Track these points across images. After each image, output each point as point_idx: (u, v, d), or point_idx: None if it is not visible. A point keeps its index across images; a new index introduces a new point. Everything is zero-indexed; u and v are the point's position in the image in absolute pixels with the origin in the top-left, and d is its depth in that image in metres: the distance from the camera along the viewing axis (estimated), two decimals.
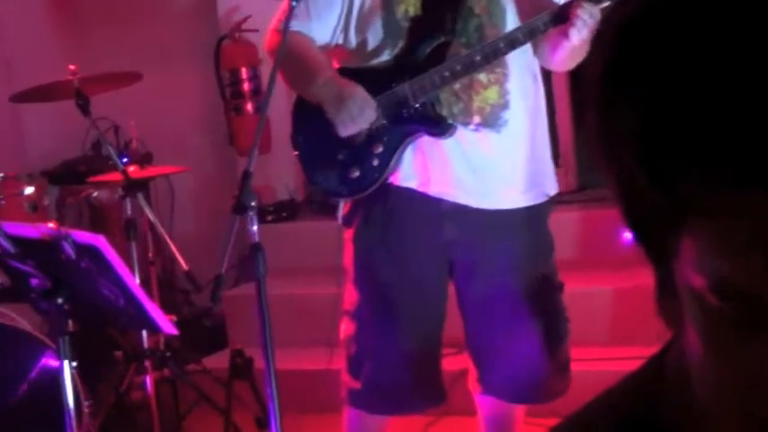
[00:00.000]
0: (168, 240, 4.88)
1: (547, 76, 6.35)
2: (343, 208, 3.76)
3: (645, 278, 0.95)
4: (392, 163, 3.61)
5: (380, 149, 3.60)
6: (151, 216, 4.97)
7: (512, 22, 3.59)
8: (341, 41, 3.70)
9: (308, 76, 3.61)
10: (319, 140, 3.64)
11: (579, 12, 3.35)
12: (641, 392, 0.90)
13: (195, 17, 7.11)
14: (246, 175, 3.33)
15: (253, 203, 3.33)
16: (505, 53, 3.50)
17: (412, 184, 3.62)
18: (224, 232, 3.26)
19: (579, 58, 3.59)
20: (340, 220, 3.78)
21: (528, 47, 3.57)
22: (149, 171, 5.48)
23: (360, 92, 3.52)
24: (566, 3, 3.44)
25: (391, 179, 3.63)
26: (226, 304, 6.17)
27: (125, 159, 5.33)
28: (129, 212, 5.02)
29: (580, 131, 6.69)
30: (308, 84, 3.61)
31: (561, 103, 6.49)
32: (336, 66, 3.72)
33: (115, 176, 5.13)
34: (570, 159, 6.54)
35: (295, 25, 3.61)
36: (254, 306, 3.39)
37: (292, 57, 3.60)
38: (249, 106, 6.64)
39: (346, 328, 3.77)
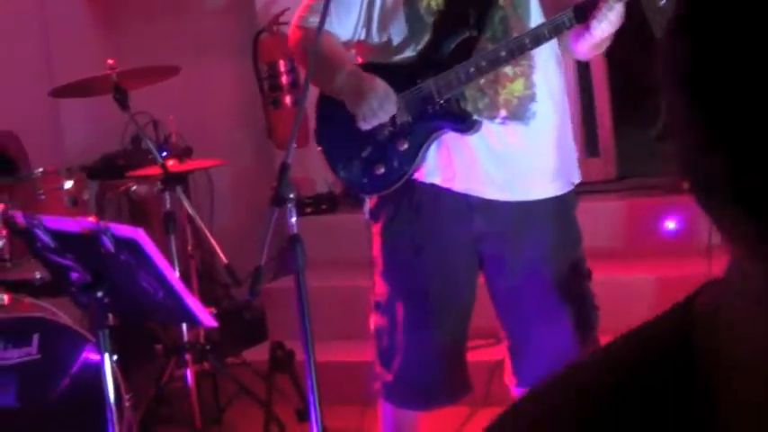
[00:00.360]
0: (207, 234, 4.90)
1: (585, 65, 6.35)
2: (369, 203, 3.76)
3: (686, 267, 0.94)
4: (417, 160, 3.59)
5: (405, 146, 3.59)
6: (190, 209, 4.99)
7: (536, 13, 3.58)
8: (363, 37, 3.68)
9: (330, 70, 3.59)
10: (344, 136, 3.63)
11: (603, 8, 3.34)
12: (669, 335, 0.88)
13: (233, 11, 7.12)
14: (284, 168, 3.33)
15: (291, 195, 3.34)
16: (531, 49, 3.49)
17: (436, 180, 3.61)
18: (263, 225, 3.26)
19: (601, 49, 3.61)
20: (367, 215, 3.77)
21: None
22: (188, 165, 5.50)
23: (381, 85, 3.51)
24: (585, 2, 3.42)
25: (416, 175, 3.62)
26: (265, 297, 6.18)
27: (164, 153, 5.35)
28: (169, 206, 5.04)
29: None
30: (330, 78, 3.60)
31: (600, 91, 6.46)
32: (360, 62, 3.71)
33: (154, 170, 5.15)
34: (610, 149, 6.51)
35: (315, 21, 3.60)
36: (293, 299, 3.39)
37: (317, 54, 3.61)
38: (287, 99, 6.64)
39: (376, 320, 3.77)
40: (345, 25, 3.66)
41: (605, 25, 3.36)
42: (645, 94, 9.00)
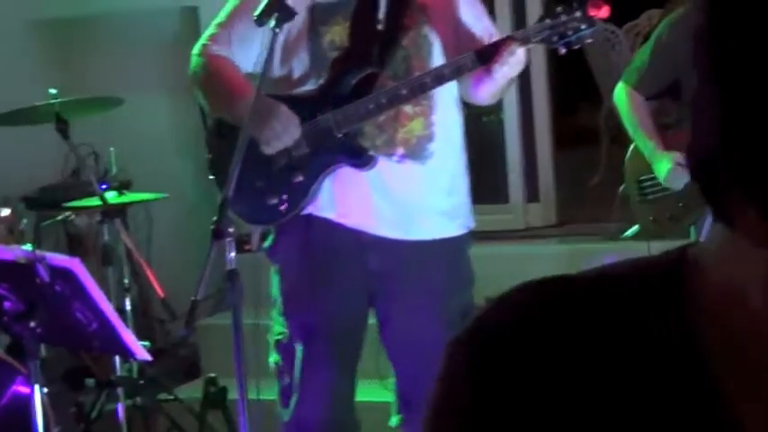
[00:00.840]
0: (145, 267, 4.86)
1: (528, 110, 6.40)
2: (258, 236, 3.75)
3: None
4: (311, 193, 3.59)
5: (300, 178, 3.59)
6: (128, 242, 4.96)
7: (438, 55, 3.61)
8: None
9: (232, 96, 3.59)
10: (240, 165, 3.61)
11: (505, 52, 3.38)
12: (665, 261, 0.94)
13: (178, 44, 7.10)
14: (225, 202, 3.32)
15: (231, 230, 3.32)
16: (432, 88, 3.52)
17: (330, 215, 3.61)
18: (202, 260, 3.24)
19: (502, 94, 3.65)
20: (255, 247, 3.76)
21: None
22: (128, 197, 5.46)
23: (284, 109, 3.51)
24: (494, 42, 3.48)
25: (310, 209, 3.62)
26: (201, 333, 6.13)
27: (104, 186, 5.31)
28: (107, 238, 5.00)
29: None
30: (232, 104, 3.59)
31: (542, 137, 6.51)
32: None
33: (93, 202, 5.11)
34: (550, 194, 6.55)
35: (217, 50, 3.62)
36: (229, 335, 3.37)
37: (215, 79, 3.61)
38: None
39: (276, 359, 3.75)
40: (247, 57, 3.65)
41: (506, 69, 3.40)
42: (586, 141, 9.08)
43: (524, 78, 6.21)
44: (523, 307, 0.96)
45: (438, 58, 3.60)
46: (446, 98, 3.65)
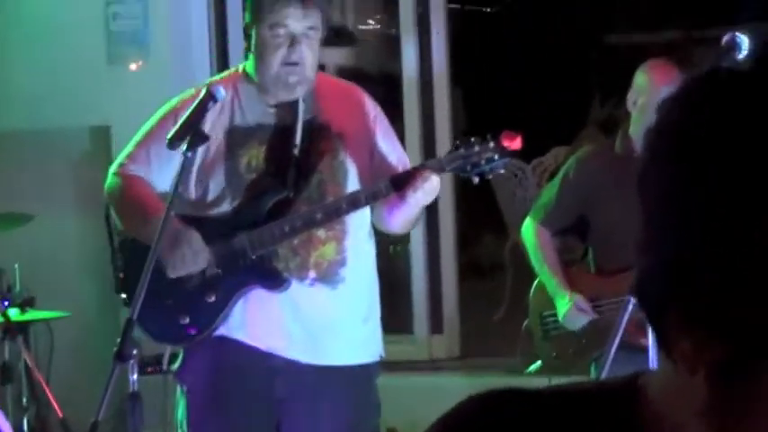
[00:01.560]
0: (45, 386, 4.80)
1: (434, 241, 6.46)
2: (168, 356, 3.75)
3: None
4: (223, 314, 3.60)
5: (213, 299, 3.60)
6: (29, 361, 4.90)
7: (353, 181, 3.67)
8: (180, 190, 3.68)
9: (144, 216, 3.62)
10: (150, 284, 3.61)
11: (420, 179, 3.44)
12: (620, 384, 0.97)
13: (89, 163, 7.09)
14: (130, 324, 3.31)
15: (135, 352, 3.31)
16: (347, 213, 3.58)
17: (242, 336, 3.62)
18: (102, 380, 3.22)
19: (415, 222, 3.72)
20: (165, 366, 3.75)
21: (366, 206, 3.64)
22: (30, 315, 5.41)
23: (195, 236, 3.53)
24: (408, 170, 3.56)
25: (222, 330, 3.62)
26: None
27: (6, 302, 5.26)
28: (7, 356, 4.94)
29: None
30: (144, 225, 3.61)
31: (447, 269, 6.56)
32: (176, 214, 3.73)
33: None
34: (454, 327, 6.59)
35: (134, 170, 3.65)
36: None
37: (129, 198, 3.64)
38: None
39: None
40: (164, 177, 3.67)
41: (420, 195, 3.46)
42: (491, 273, 9.16)
43: (431, 209, 6.28)
44: (482, 415, 0.98)
45: (353, 184, 3.65)
46: (359, 225, 3.70)
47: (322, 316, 3.64)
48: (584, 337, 4.46)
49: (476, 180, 3.57)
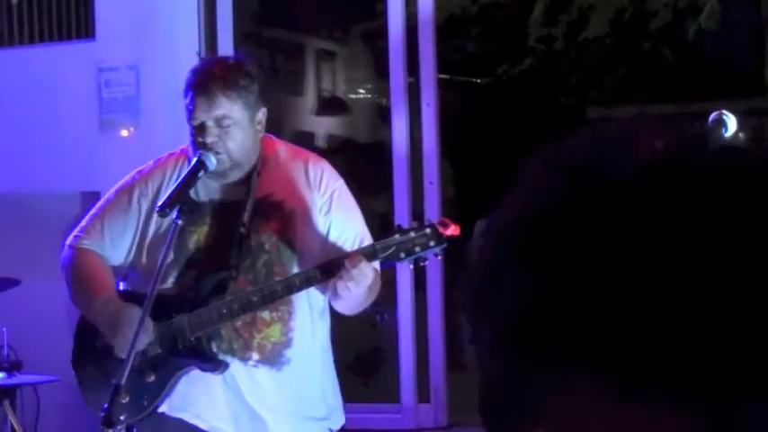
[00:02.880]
0: None
1: (422, 309, 6.48)
2: None
3: None
4: (163, 393, 3.60)
5: (153, 378, 3.59)
6: (15, 425, 4.89)
7: (301, 261, 3.64)
8: (132, 261, 3.72)
9: (89, 296, 3.63)
10: (95, 362, 3.64)
11: (349, 267, 3.41)
12: None
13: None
14: (117, 390, 3.32)
15: (122, 418, 3.32)
16: (283, 296, 3.54)
17: (184, 415, 3.62)
18: None
19: (363, 305, 3.65)
20: None
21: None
22: (17, 379, 5.41)
23: (136, 315, 3.50)
24: (337, 257, 3.51)
25: (164, 408, 3.62)
26: None
27: None
28: None
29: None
30: (88, 304, 3.64)
31: (434, 337, 6.57)
32: (122, 288, 3.74)
33: None
34: (441, 395, 6.58)
35: (88, 244, 3.65)
36: None
37: (78, 275, 3.65)
38: None
39: None
40: (118, 249, 3.69)
41: (350, 284, 3.42)
42: None
43: (419, 277, 6.31)
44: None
45: (301, 265, 3.62)
46: (307, 305, 3.68)
47: (267, 398, 3.63)
48: None
49: (410, 266, 3.58)
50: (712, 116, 3.63)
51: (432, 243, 3.48)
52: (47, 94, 7.05)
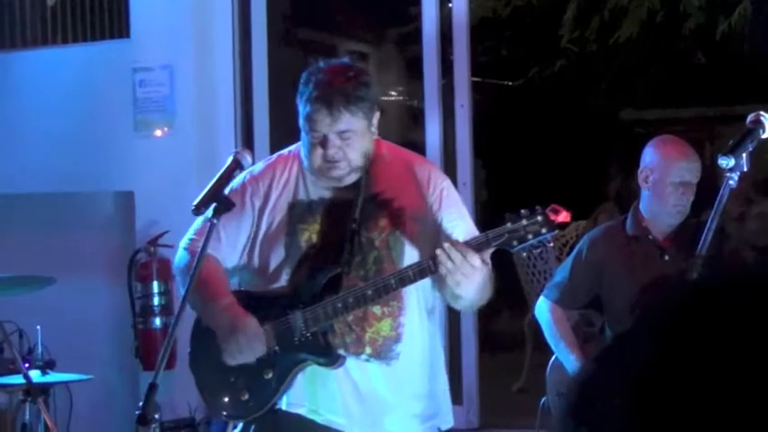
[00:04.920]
0: None
1: (455, 316, 6.48)
2: (232, 430, 3.77)
3: None
4: (282, 389, 3.62)
5: (270, 375, 3.62)
6: (49, 423, 4.91)
7: (410, 258, 3.64)
8: (245, 261, 3.74)
9: (207, 302, 3.63)
10: (214, 361, 3.65)
11: (442, 258, 3.38)
12: None
13: (112, 228, 7.15)
14: (152, 388, 3.33)
15: (156, 416, 3.33)
16: (396, 289, 3.54)
17: (301, 410, 3.64)
18: None
19: (480, 299, 3.60)
20: None
21: (426, 282, 3.61)
22: (51, 377, 5.44)
23: (252, 325, 3.54)
24: (454, 246, 3.43)
25: (281, 404, 3.65)
26: None
27: (27, 364, 5.29)
28: (27, 417, 4.96)
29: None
30: (206, 309, 3.65)
31: (468, 342, 6.57)
32: (238, 287, 3.77)
33: (16, 380, 5.08)
34: (473, 398, 6.58)
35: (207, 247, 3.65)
36: None
37: (196, 278, 3.65)
38: (158, 321, 6.64)
39: None
40: (234, 252, 3.71)
41: (459, 276, 3.39)
42: (511, 346, 9.17)
43: None
44: None
45: (410, 261, 3.62)
46: (416, 300, 3.69)
47: (377, 391, 3.65)
48: None
49: (523, 254, 3.58)
50: (750, 117, 3.62)
51: (543, 230, 3.43)
52: (81, 94, 7.09)
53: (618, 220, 4.79)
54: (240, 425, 3.73)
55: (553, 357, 4.70)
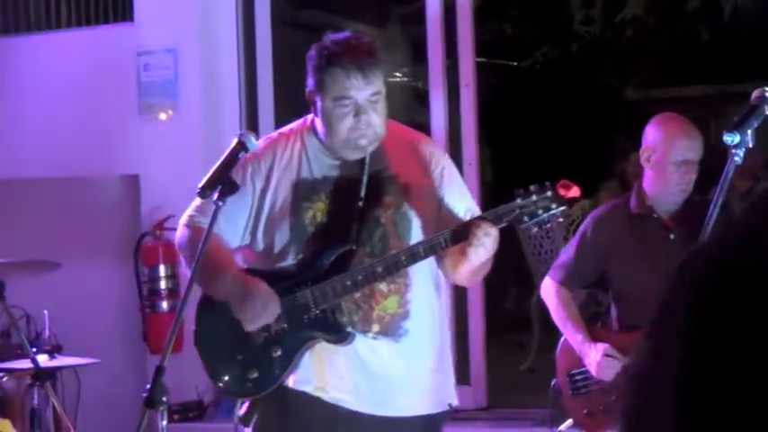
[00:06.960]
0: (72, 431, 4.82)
1: (461, 293, 6.48)
2: (240, 407, 3.77)
3: None
4: (290, 367, 3.62)
5: (279, 353, 3.62)
6: (58, 407, 4.92)
7: (416, 234, 3.65)
8: (248, 242, 3.72)
9: (215, 273, 3.62)
10: (221, 339, 3.66)
11: (477, 231, 3.40)
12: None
13: (118, 212, 7.15)
14: (160, 371, 3.34)
15: (164, 399, 3.33)
16: (406, 266, 3.55)
17: (308, 388, 3.64)
18: (129, 427, 3.24)
19: (481, 274, 3.68)
20: (236, 419, 3.78)
21: (432, 258, 3.62)
22: (58, 361, 5.44)
23: (264, 288, 3.55)
24: (466, 222, 3.51)
25: (288, 382, 3.65)
26: None
27: (34, 349, 5.29)
28: (35, 402, 4.96)
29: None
30: (215, 280, 3.63)
31: (475, 321, 6.57)
32: (243, 267, 3.76)
33: (23, 365, 5.08)
34: (481, 377, 6.59)
35: (205, 222, 3.64)
36: None
37: (204, 257, 3.64)
38: (165, 305, 6.65)
39: None
40: (234, 230, 3.69)
41: (481, 250, 3.41)
42: (518, 326, 9.16)
43: None
44: None
45: (417, 237, 3.64)
46: (423, 277, 3.69)
47: (386, 369, 3.64)
48: (613, 393, 4.44)
49: (534, 230, 3.58)
50: (755, 94, 3.60)
51: (554, 205, 3.45)
52: (86, 79, 7.08)
53: (622, 198, 4.78)
54: (247, 403, 3.74)
55: (562, 338, 4.69)
